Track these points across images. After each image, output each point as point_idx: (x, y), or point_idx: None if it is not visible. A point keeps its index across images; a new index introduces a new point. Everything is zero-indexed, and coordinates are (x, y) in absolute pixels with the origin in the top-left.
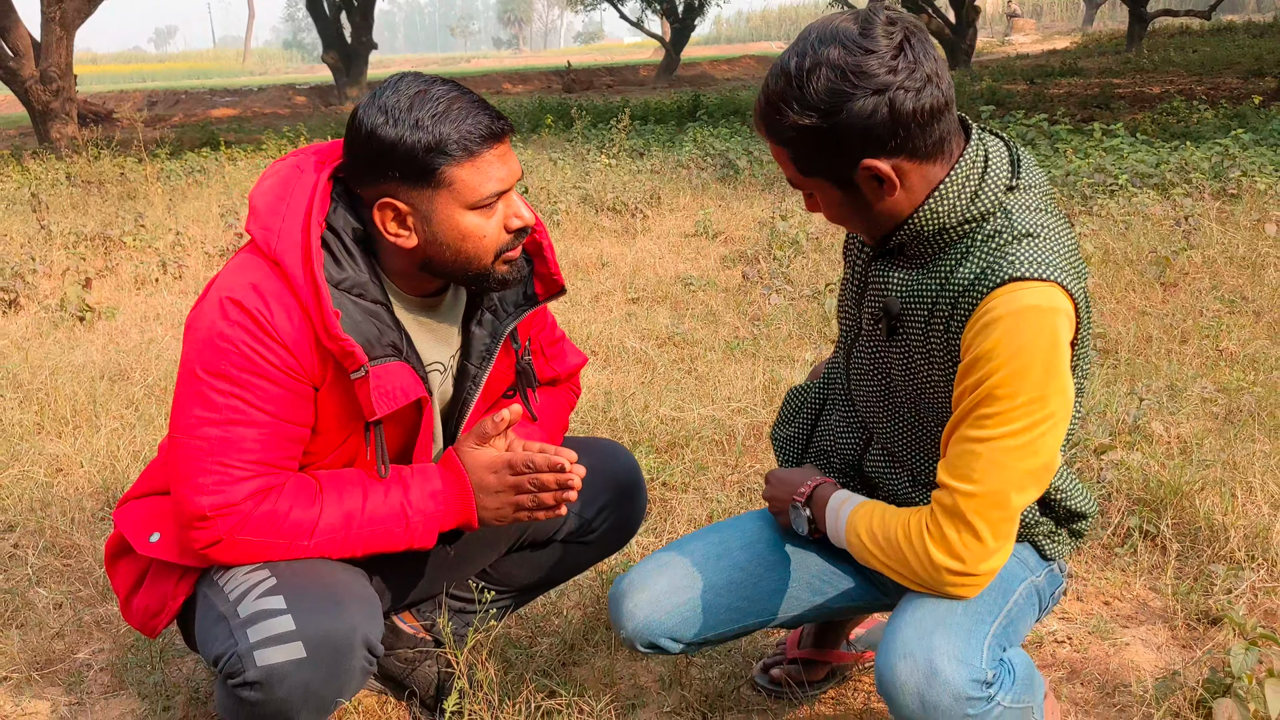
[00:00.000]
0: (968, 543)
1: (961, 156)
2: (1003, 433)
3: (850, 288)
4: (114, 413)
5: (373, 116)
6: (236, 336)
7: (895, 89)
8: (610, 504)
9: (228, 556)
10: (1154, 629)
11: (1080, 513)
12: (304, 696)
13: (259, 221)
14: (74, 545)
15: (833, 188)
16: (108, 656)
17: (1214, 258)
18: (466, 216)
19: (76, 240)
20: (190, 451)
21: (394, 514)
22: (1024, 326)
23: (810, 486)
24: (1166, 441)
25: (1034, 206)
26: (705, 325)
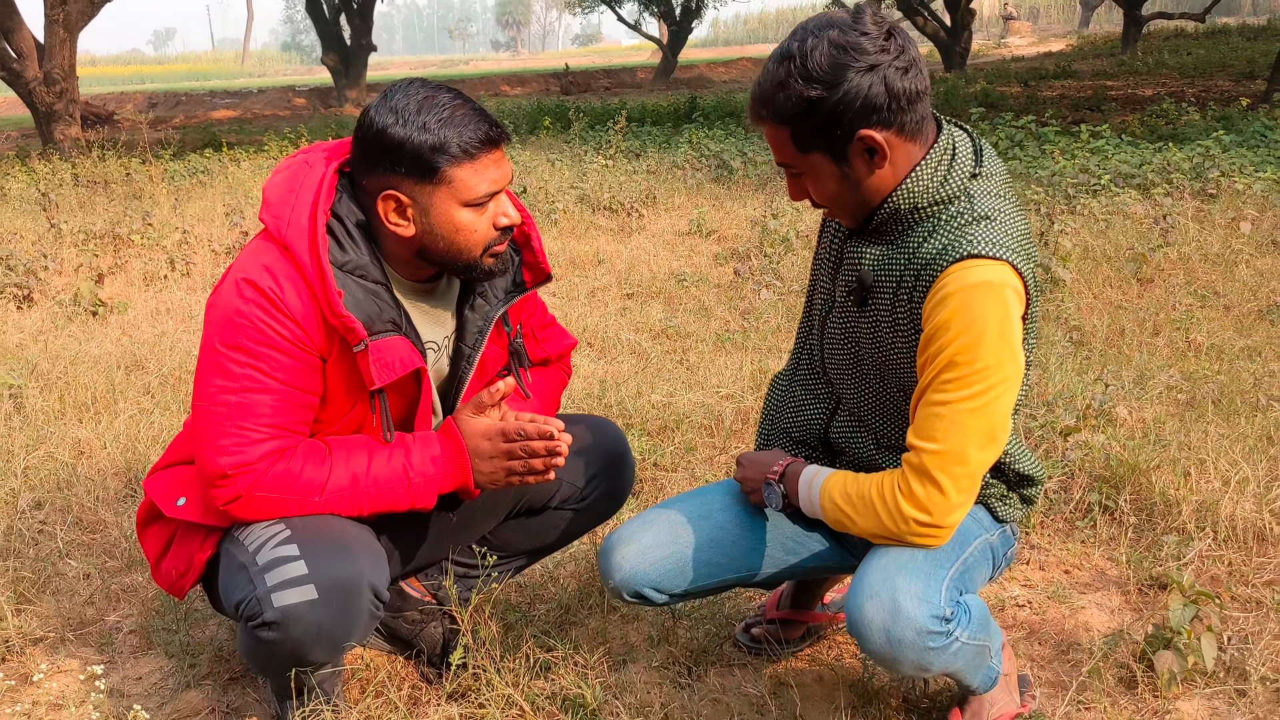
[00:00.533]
0: (933, 497)
1: (935, 142)
2: (961, 396)
3: (825, 264)
4: (131, 400)
5: (383, 117)
6: (251, 313)
7: (887, 66)
8: (600, 473)
9: (246, 512)
10: (1108, 594)
11: (1029, 476)
12: (316, 635)
13: (270, 211)
14: (99, 521)
15: (829, 162)
16: (136, 620)
17: (1189, 255)
18: (460, 212)
19: (86, 238)
20: (211, 418)
21: (396, 476)
22: (977, 299)
23: (783, 465)
24: (1130, 425)
25: (994, 193)
26: (697, 319)
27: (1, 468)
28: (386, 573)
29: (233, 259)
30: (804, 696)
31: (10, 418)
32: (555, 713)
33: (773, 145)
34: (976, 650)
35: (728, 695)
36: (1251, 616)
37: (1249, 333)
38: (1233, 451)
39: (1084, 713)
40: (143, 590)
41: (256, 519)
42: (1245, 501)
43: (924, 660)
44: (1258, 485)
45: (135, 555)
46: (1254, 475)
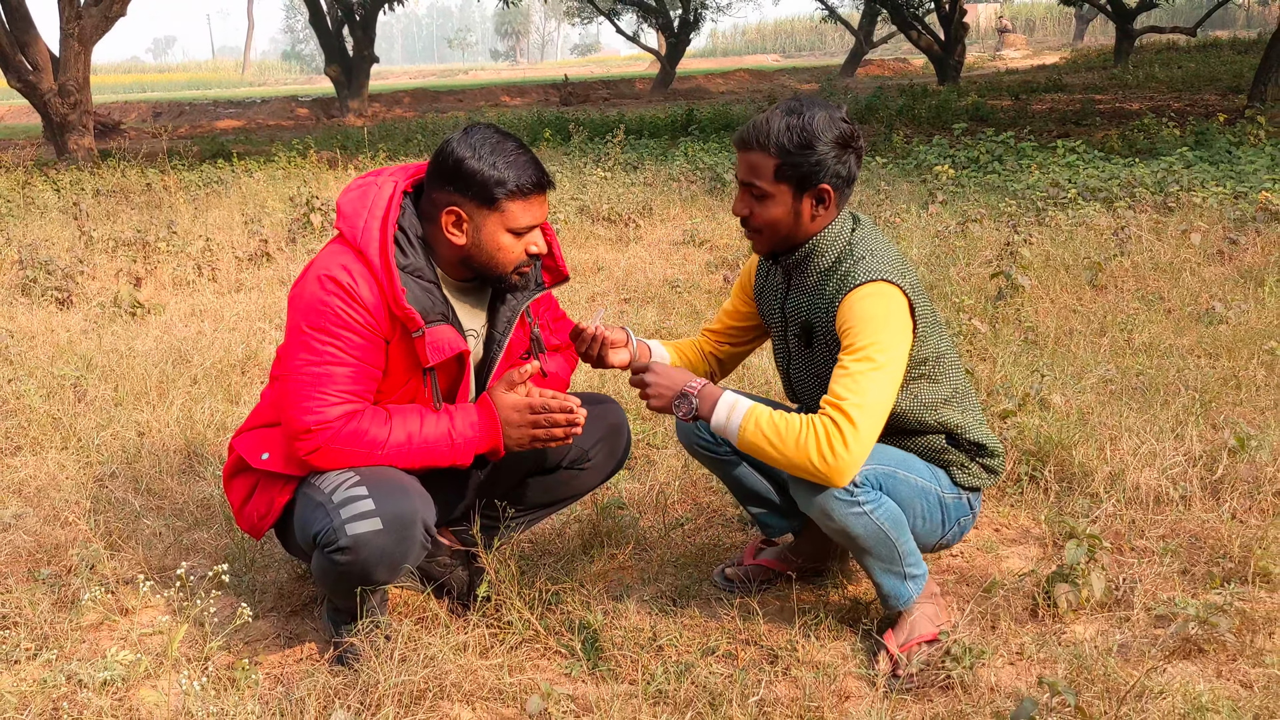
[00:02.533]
0: (837, 443)
1: (836, 217)
2: (857, 362)
3: (775, 322)
4: (181, 389)
5: (463, 149)
6: (333, 303)
7: (856, 154)
8: (603, 438)
9: (323, 462)
10: (1029, 547)
11: (983, 445)
12: (380, 558)
13: (346, 221)
14: (166, 488)
15: (790, 194)
16: (206, 567)
17: (1142, 264)
18: (504, 236)
19: (116, 245)
20: (298, 385)
21: (442, 437)
22: (864, 303)
23: (699, 385)
24: (1063, 411)
25: (866, 240)
26: (689, 322)
27: (77, 444)
28: (434, 512)
29: (256, 267)
30: (766, 621)
31: (75, 404)
32: (564, 633)
33: (754, 168)
34: (879, 535)
35: (704, 620)
36: (1143, 562)
37: (1184, 332)
38: (1145, 431)
39: (992, 634)
40: (209, 544)
41: (330, 468)
42: (1151, 471)
43: (828, 507)
44: (1163, 458)
45: (201, 516)
46: (1160, 450)
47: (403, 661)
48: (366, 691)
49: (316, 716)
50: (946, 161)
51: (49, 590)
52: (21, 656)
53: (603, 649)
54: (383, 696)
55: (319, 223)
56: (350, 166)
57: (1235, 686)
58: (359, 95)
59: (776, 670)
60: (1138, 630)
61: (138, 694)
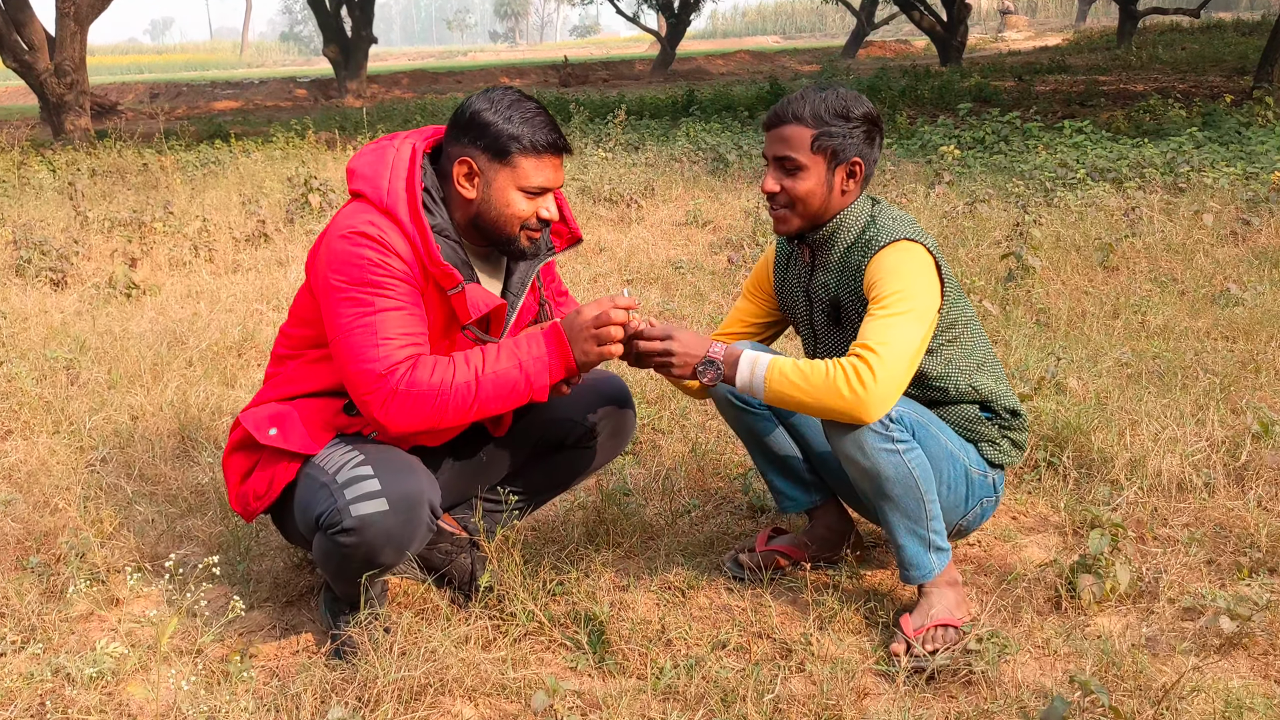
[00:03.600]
0: (865, 375)
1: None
2: (884, 310)
3: (799, 303)
4: (176, 371)
5: (481, 103)
6: (369, 255)
7: (882, 136)
8: (607, 415)
9: (398, 414)
10: (1048, 536)
11: (1014, 410)
12: (386, 539)
13: (365, 183)
14: (160, 474)
15: (824, 165)
16: (200, 555)
17: (1154, 245)
18: (514, 194)
19: (111, 226)
20: (355, 339)
21: (512, 366)
22: (890, 259)
23: (723, 347)
24: (1080, 395)
25: (886, 212)
26: (693, 303)
27: (69, 428)
28: (439, 491)
29: (254, 247)
30: (779, 613)
31: (67, 387)
32: (570, 625)
33: (789, 140)
34: (908, 480)
35: (717, 613)
36: (1167, 551)
37: (1199, 315)
38: (1165, 416)
39: (1014, 626)
40: (204, 532)
41: (407, 423)
42: (1172, 457)
43: (862, 440)
44: (1185, 444)
45: (194, 503)
46: (1181, 435)
47: (402, 655)
48: (365, 686)
49: (313, 713)
50: (952, 142)
51: (37, 580)
52: (8, 649)
53: (610, 642)
54: (382, 692)
55: (317, 203)
56: (349, 147)
57: (1271, 684)
58: (357, 76)
59: (791, 665)
60: (1165, 623)
61: (127, 689)
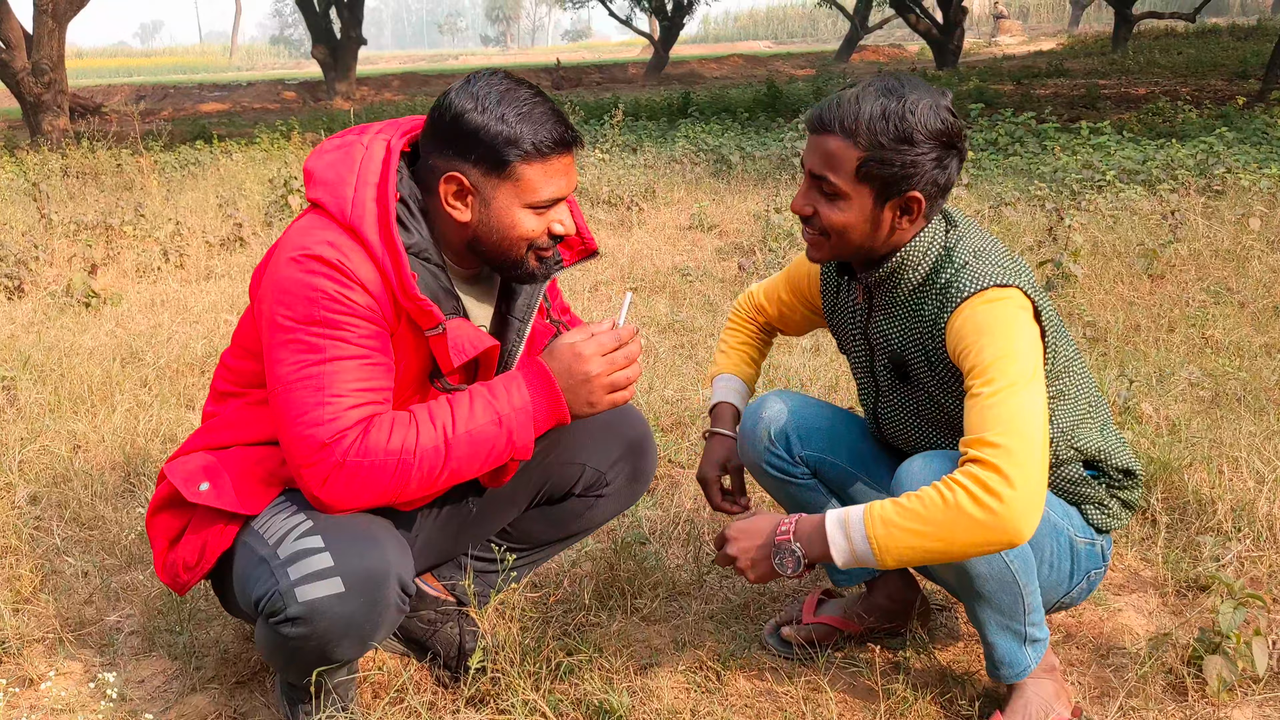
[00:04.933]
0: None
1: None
2: (990, 386)
3: (857, 352)
4: (128, 393)
5: (463, 101)
6: (324, 285)
7: (961, 155)
8: (623, 457)
9: (342, 490)
10: (1145, 596)
11: (1129, 470)
12: (344, 629)
13: (326, 190)
14: (98, 517)
15: (871, 199)
16: (137, 621)
17: (1200, 250)
18: (520, 212)
19: (77, 229)
20: (298, 394)
21: (488, 417)
22: (981, 315)
23: (792, 521)
24: (1155, 421)
25: (968, 238)
26: (703, 314)
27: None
28: (411, 564)
29: (228, 252)
30: (840, 702)
31: (3, 410)
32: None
33: (832, 157)
34: (1004, 576)
35: (760, 700)
36: None
37: (1266, 329)
38: (1265, 449)
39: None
40: (144, 589)
41: (352, 502)
42: None
43: None
44: None
45: (136, 552)
46: None
47: None
48: None
49: None
50: None
51: None
52: None
53: None
54: None
55: (297, 205)
56: None
57: None
58: (346, 77)
59: None
60: None
61: None
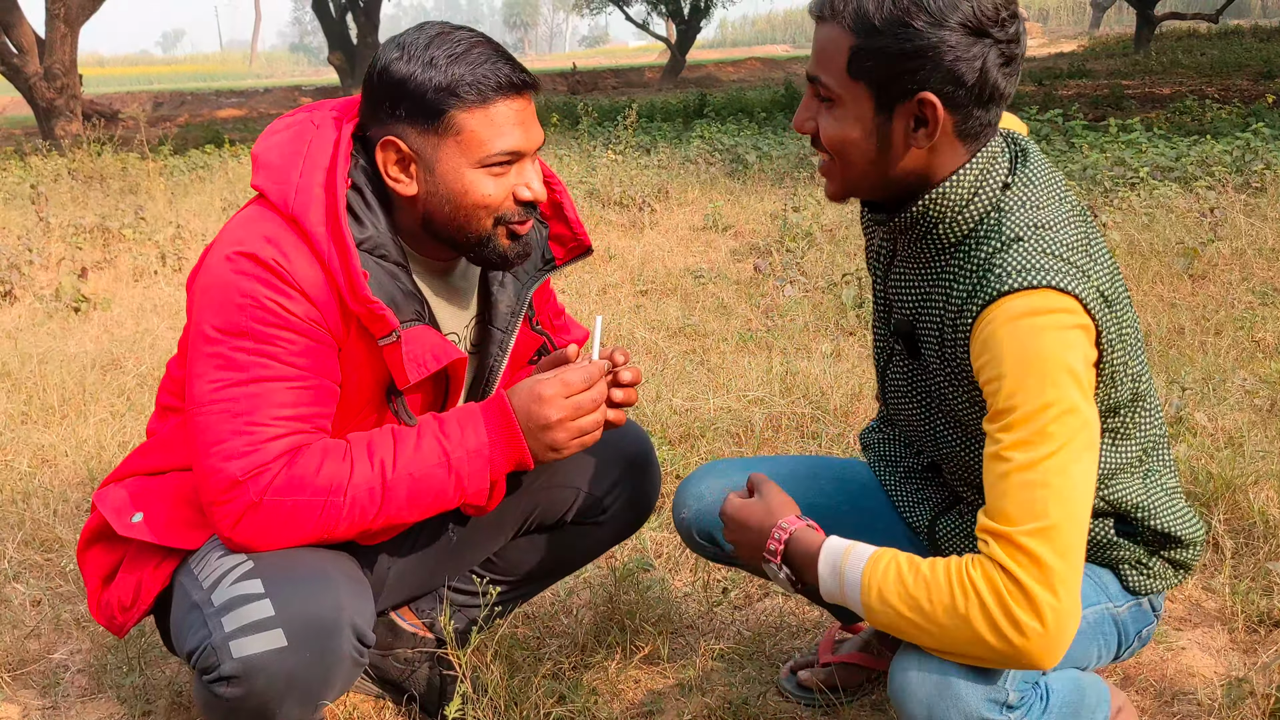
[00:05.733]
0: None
1: (980, 152)
2: (1023, 449)
3: (877, 305)
4: (104, 402)
5: (389, 52)
6: (255, 290)
7: (994, 45)
8: (622, 480)
9: (258, 532)
10: (1211, 632)
11: (1172, 536)
12: (287, 688)
13: (271, 176)
14: (55, 539)
15: (870, 103)
16: (86, 657)
17: (1243, 249)
18: (470, 172)
19: (75, 232)
20: (214, 419)
21: (434, 460)
22: (1023, 332)
23: (783, 536)
24: (1211, 434)
25: (1029, 203)
26: (717, 317)
27: None
28: (371, 608)
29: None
30: None
31: None
32: None
33: (822, 50)
34: None
35: None
36: None
37: None
38: None
39: None
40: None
41: (269, 543)
42: None
43: (961, 708)
44: None
45: None
46: None
47: None
48: None
49: None
50: None
51: None
52: None
53: None
54: None
55: None
56: None
57: None
58: None
59: None
60: None
61: None
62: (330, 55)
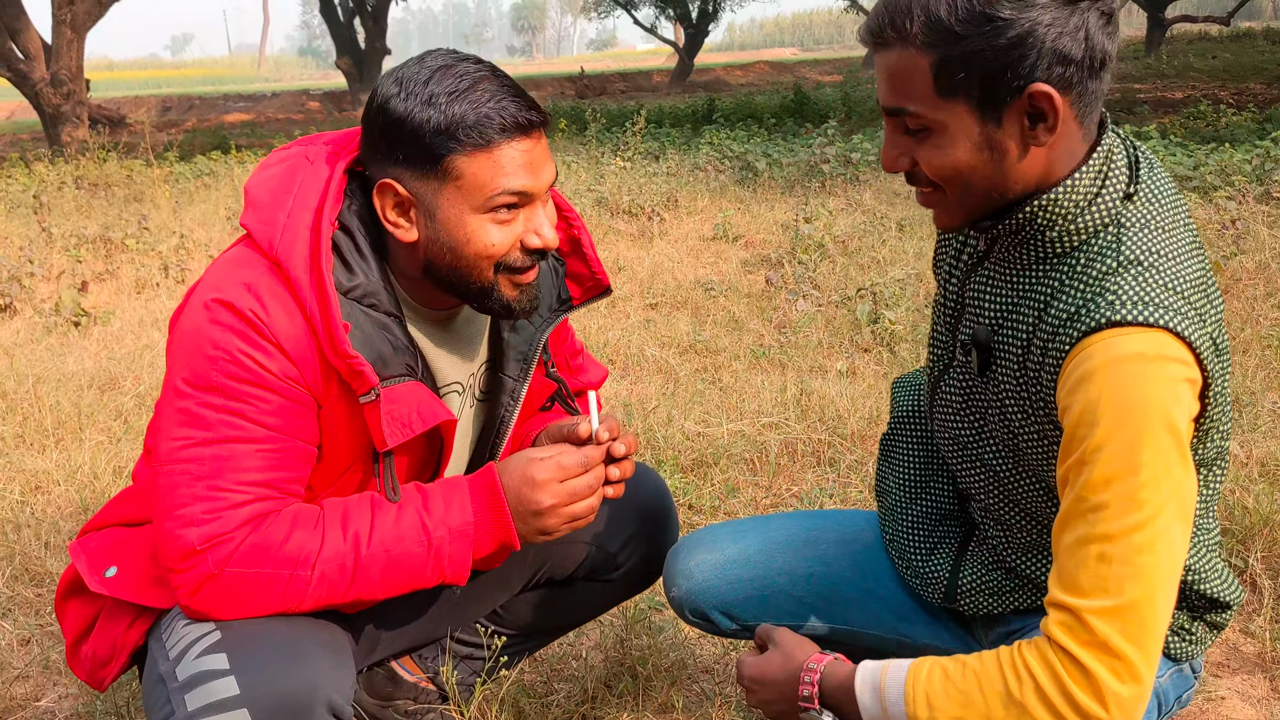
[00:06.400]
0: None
1: (1098, 144)
2: (1107, 521)
3: (945, 309)
4: (100, 425)
5: (388, 87)
6: (228, 342)
7: (1094, 4)
8: (637, 534)
9: (219, 603)
10: (1251, 680)
11: (1219, 600)
12: None
13: (259, 215)
14: (47, 573)
15: (974, 118)
16: (74, 704)
17: (1267, 262)
18: (474, 220)
19: (78, 243)
20: (178, 479)
21: (414, 536)
22: (1127, 378)
23: (814, 678)
24: (1244, 463)
25: (1153, 223)
26: (728, 332)
27: None
28: (352, 679)
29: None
30: None
31: None
32: None
33: (895, 78)
34: None
35: None
36: None
37: None
38: None
39: None
40: None
41: (230, 614)
42: None
43: None
44: None
45: None
46: None
47: None
48: None
49: None
50: None
51: None
52: None
53: None
54: None
55: None
56: None
57: None
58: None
59: None
60: None
61: None
62: (338, 60)
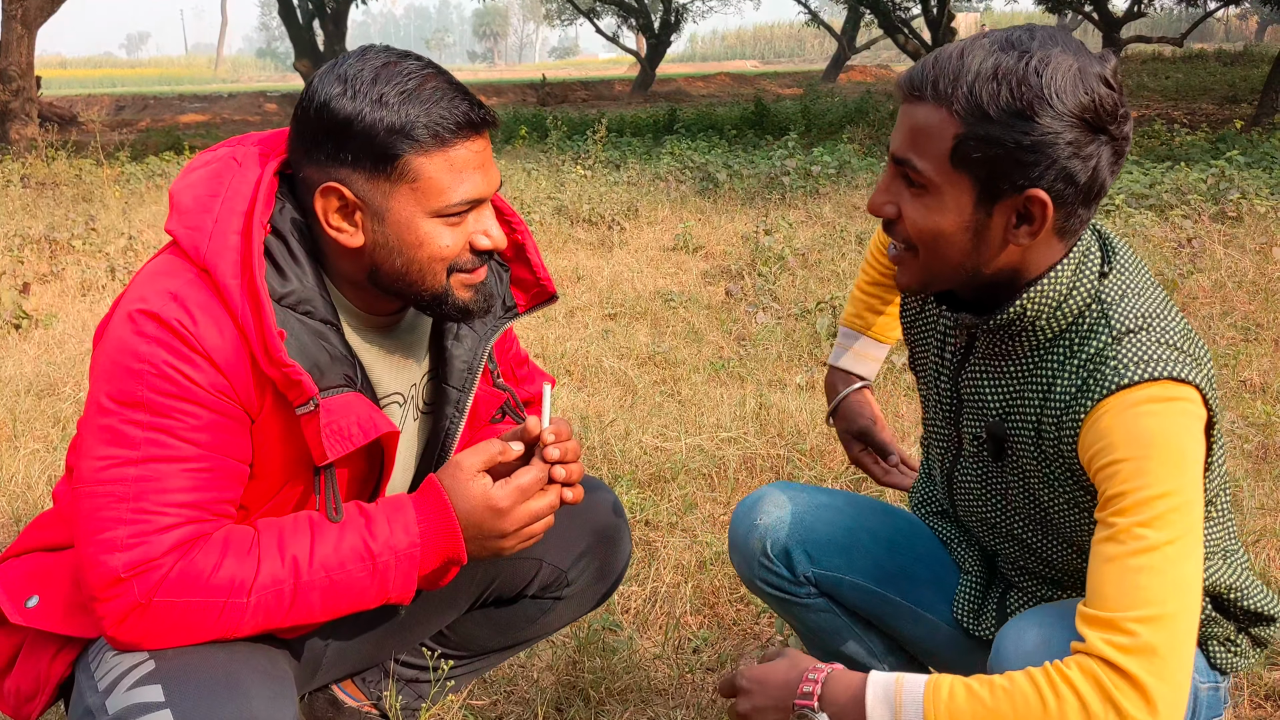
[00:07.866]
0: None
1: (1073, 247)
2: (1142, 537)
3: (941, 405)
4: (37, 432)
5: (329, 87)
6: (153, 354)
7: (1109, 143)
8: (589, 551)
9: (148, 634)
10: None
11: (1264, 614)
12: None
13: (185, 220)
14: None
15: (970, 197)
16: None
17: (1223, 281)
18: (427, 224)
19: (21, 243)
20: (101, 501)
21: (356, 554)
22: (1147, 421)
23: (818, 678)
24: None
25: (1131, 291)
26: (688, 344)
27: None
28: (293, 709)
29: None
30: None
31: None
32: None
33: (918, 132)
34: None
35: None
36: None
37: None
38: None
39: None
40: None
41: (160, 644)
42: None
43: None
44: None
45: None
46: None
47: None
48: None
49: None
50: None
51: None
52: None
53: None
54: None
55: None
56: None
57: None
58: None
59: None
60: None
61: None
62: (296, 62)
